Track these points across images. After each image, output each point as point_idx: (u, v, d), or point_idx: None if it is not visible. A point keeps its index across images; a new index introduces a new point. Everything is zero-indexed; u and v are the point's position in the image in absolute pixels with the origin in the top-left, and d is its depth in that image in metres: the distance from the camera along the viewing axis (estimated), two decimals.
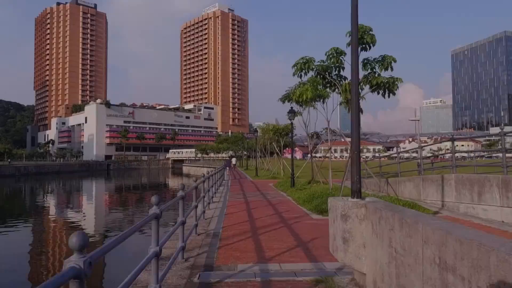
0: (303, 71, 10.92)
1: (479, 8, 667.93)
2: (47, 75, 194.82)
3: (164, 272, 4.13)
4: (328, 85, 11.23)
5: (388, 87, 10.56)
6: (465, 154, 31.99)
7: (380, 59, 10.32)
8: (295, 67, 10.97)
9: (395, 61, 10.19)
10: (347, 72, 11.09)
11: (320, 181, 16.86)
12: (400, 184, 12.61)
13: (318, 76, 11.14)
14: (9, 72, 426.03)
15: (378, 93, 10.93)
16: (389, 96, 10.89)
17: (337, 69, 10.88)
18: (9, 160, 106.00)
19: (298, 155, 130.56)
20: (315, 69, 10.81)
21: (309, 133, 16.91)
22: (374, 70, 10.57)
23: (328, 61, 10.54)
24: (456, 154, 11.17)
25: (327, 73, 10.87)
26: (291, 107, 16.42)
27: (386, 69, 10.30)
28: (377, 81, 10.18)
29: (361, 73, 10.64)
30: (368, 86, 10.80)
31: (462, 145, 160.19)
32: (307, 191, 13.63)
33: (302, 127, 16.44)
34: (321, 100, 14.59)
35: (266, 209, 10.98)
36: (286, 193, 15.95)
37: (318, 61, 10.82)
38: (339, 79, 10.98)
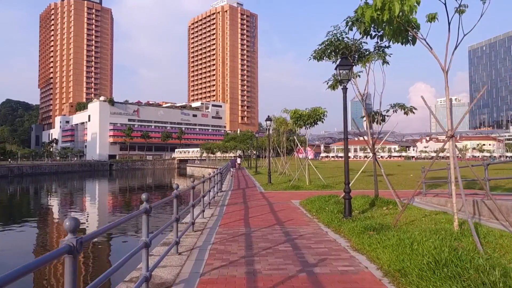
0: None
1: (497, 1, 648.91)
2: (51, 72, 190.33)
3: None
4: None
5: None
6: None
7: None
8: None
9: None
10: None
11: (397, 202, 8.74)
12: None
13: None
14: (18, 71, 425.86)
15: None
16: None
17: None
18: (9, 159, 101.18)
19: (309, 154, 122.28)
20: None
21: (371, 111, 9.17)
22: None
23: None
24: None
25: None
26: (342, 58, 8.08)
27: None
28: None
29: None
30: None
31: (483, 144, 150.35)
32: (402, 240, 5.58)
33: (358, 98, 8.96)
34: (410, 40, 7.04)
35: None
36: (344, 237, 7.16)
37: None
38: None
